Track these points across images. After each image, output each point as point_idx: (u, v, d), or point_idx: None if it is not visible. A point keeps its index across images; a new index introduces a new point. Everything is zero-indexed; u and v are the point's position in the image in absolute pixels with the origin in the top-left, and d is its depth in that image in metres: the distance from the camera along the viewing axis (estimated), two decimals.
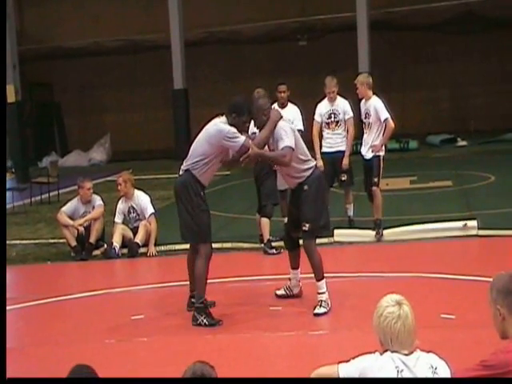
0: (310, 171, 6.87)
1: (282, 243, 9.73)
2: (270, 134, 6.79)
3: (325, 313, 6.76)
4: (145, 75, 25.63)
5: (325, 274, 6.97)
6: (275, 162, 7.01)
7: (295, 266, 7.28)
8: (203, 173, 6.79)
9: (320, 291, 6.85)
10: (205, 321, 6.71)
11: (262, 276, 8.41)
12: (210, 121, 7.00)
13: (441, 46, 23.21)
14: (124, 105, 26.06)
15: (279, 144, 6.71)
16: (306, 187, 6.83)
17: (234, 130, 6.69)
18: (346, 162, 9.93)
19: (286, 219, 9.96)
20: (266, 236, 9.50)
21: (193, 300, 7.04)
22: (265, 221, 9.54)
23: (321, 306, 6.79)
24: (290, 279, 7.36)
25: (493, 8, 21.75)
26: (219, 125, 6.76)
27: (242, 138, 6.67)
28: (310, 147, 10.36)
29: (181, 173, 6.91)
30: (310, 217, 6.81)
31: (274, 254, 9.34)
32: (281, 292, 7.37)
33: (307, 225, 6.79)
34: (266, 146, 6.94)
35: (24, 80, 21.67)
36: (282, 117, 6.96)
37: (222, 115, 6.89)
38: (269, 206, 9.49)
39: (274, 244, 9.46)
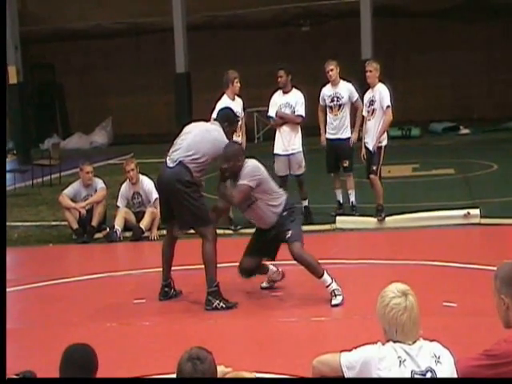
0: (282, 206, 6.78)
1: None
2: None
3: (342, 301, 6.62)
4: (147, 58, 25.51)
5: (326, 261, 6.96)
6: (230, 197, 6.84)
7: (265, 271, 7.21)
8: (199, 170, 6.88)
9: (326, 285, 6.70)
10: (221, 304, 6.73)
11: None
12: (197, 120, 7.24)
13: (444, 33, 23.05)
14: (126, 88, 25.92)
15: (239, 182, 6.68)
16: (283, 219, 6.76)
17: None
18: (355, 136, 10.09)
19: None
20: None
21: (166, 290, 7.11)
22: None
23: (335, 295, 6.66)
24: (268, 275, 7.28)
25: None
26: (222, 135, 6.94)
27: None
28: (317, 133, 10.45)
29: (171, 164, 6.89)
30: (291, 227, 6.74)
31: None
32: (265, 285, 7.31)
33: (289, 232, 6.71)
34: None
35: (26, 61, 21.55)
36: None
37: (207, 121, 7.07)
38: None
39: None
